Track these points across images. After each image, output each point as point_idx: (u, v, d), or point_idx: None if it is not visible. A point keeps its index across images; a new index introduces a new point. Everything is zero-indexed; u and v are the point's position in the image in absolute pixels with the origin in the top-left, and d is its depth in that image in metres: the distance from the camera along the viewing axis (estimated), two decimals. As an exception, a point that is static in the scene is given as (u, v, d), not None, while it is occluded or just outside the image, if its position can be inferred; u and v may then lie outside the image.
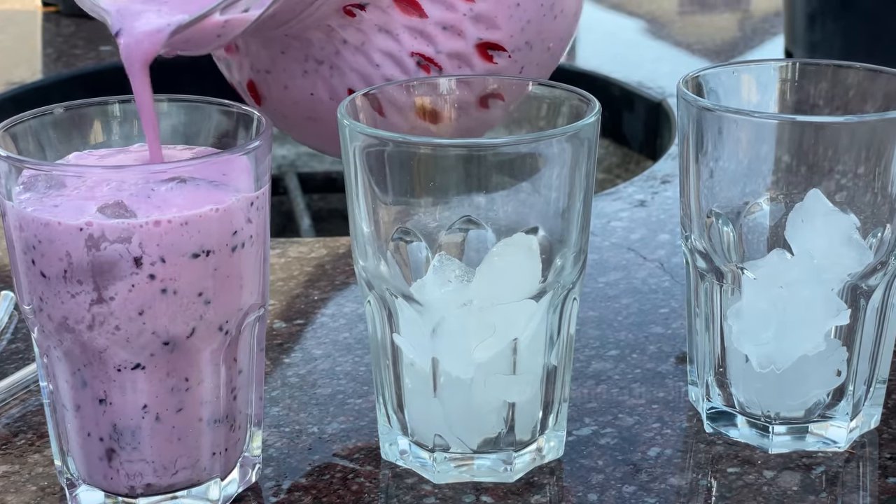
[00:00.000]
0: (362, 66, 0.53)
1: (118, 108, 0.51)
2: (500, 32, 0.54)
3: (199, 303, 0.46)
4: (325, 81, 0.53)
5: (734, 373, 0.53)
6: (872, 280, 0.51)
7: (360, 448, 0.54)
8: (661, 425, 0.55)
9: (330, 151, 0.59)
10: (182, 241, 0.45)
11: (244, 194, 0.46)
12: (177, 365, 0.47)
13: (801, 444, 0.53)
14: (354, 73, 0.53)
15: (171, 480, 0.48)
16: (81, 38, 1.28)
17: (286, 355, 0.62)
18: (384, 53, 0.53)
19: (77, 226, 0.44)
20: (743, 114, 0.50)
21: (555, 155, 0.48)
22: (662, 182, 0.83)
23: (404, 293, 0.49)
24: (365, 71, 0.53)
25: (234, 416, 0.49)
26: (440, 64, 0.53)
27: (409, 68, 0.53)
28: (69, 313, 0.45)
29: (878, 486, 0.51)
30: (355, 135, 0.48)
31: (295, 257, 0.73)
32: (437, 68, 0.53)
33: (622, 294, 0.67)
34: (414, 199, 0.49)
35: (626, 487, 0.50)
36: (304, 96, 0.56)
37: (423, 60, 0.52)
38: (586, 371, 0.59)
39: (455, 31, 0.53)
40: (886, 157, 0.49)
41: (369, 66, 0.53)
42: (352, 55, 0.53)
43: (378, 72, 0.53)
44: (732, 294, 0.52)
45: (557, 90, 0.53)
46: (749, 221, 0.51)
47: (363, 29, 0.53)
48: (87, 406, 0.47)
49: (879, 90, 0.53)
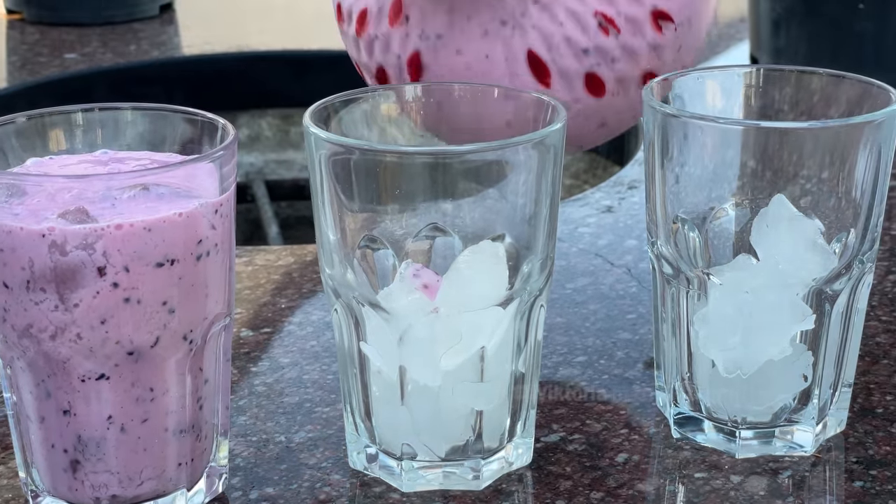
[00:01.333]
0: (546, 24, 0.55)
1: (81, 117, 0.51)
2: (673, 3, 0.56)
3: (163, 312, 0.46)
4: (504, 42, 0.55)
5: (701, 378, 0.53)
6: (837, 285, 0.51)
7: (328, 457, 0.53)
8: (628, 431, 0.55)
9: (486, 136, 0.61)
10: (146, 249, 0.44)
11: (208, 200, 0.46)
12: (141, 375, 0.46)
13: (768, 448, 0.53)
14: (536, 31, 0.55)
15: (137, 491, 0.48)
16: (46, 45, 1.27)
17: (253, 364, 0.61)
18: (569, 12, 0.55)
19: (39, 231, 0.44)
20: (708, 120, 0.50)
21: (521, 162, 0.48)
22: (629, 188, 0.84)
23: (371, 301, 0.49)
24: (547, 30, 0.55)
25: (200, 426, 0.49)
26: (619, 26, 0.55)
27: (590, 27, 0.55)
28: (33, 321, 0.45)
29: (844, 490, 0.51)
30: (321, 143, 0.48)
31: (262, 265, 0.73)
32: (616, 30, 0.55)
33: (589, 300, 0.67)
34: (380, 206, 0.49)
35: (594, 493, 0.50)
36: (478, 59, 0.57)
37: (603, 21, 0.54)
38: (554, 377, 0.59)
39: None
40: (850, 162, 0.50)
41: (552, 25, 0.55)
42: (538, 13, 0.55)
43: (560, 30, 0.55)
44: (699, 299, 0.52)
45: (524, 96, 0.53)
46: (715, 227, 0.51)
47: None
48: (52, 417, 0.47)
49: (843, 95, 0.54)
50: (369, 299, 0.49)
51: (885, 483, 0.51)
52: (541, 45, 0.55)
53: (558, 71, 0.55)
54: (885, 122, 0.50)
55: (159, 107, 0.51)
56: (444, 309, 0.48)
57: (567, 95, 0.56)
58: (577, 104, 0.56)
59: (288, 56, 1.26)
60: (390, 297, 0.49)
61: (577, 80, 0.56)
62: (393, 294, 0.49)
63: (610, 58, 0.56)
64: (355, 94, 0.53)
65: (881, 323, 0.64)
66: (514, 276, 0.49)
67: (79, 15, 1.34)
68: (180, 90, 1.23)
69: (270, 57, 1.26)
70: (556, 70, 0.55)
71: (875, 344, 0.62)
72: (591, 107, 0.56)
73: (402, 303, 0.48)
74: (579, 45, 0.55)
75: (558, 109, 0.50)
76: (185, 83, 1.23)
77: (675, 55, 0.58)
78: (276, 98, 1.26)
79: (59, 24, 1.34)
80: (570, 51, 0.55)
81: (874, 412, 0.56)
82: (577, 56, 0.55)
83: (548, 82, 0.55)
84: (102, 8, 1.35)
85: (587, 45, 0.55)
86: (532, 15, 0.55)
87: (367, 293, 0.49)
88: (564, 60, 0.55)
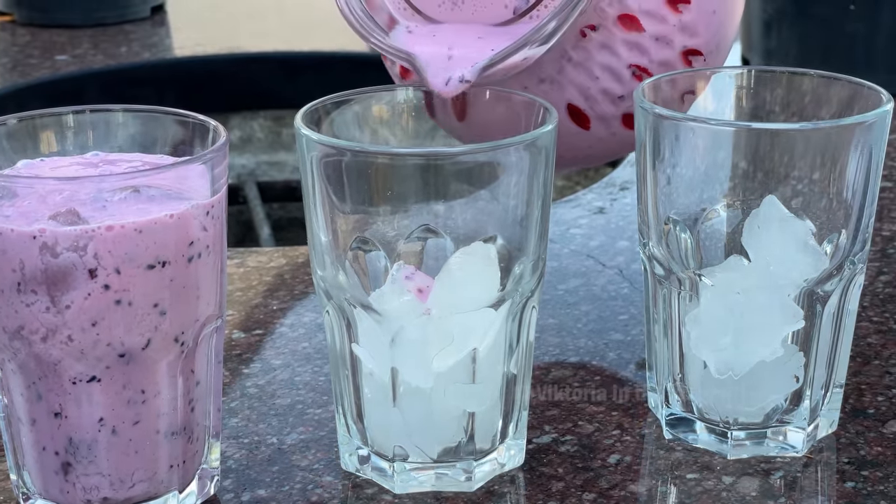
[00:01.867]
0: (582, 80, 0.57)
1: (72, 119, 0.51)
2: (700, 39, 0.58)
3: (154, 314, 0.45)
4: (544, 95, 0.57)
5: (693, 379, 0.53)
6: (828, 285, 0.51)
7: (320, 458, 0.53)
8: (620, 432, 0.55)
9: None
10: (137, 251, 0.44)
11: (199, 201, 0.46)
12: (133, 377, 0.46)
13: (760, 449, 0.53)
14: (573, 86, 0.57)
15: (129, 494, 0.48)
16: (37, 47, 1.27)
17: (245, 366, 0.61)
18: (603, 67, 0.57)
19: (30, 233, 0.44)
20: (699, 121, 0.51)
21: (512, 163, 0.48)
22: (621, 189, 0.84)
23: (363, 303, 0.49)
24: (584, 85, 0.57)
25: (191, 428, 0.49)
26: (651, 72, 0.57)
27: (625, 79, 0.57)
28: (24, 323, 0.45)
29: (836, 491, 0.51)
30: (312, 144, 0.48)
31: (254, 267, 0.73)
32: (649, 76, 0.57)
33: (581, 301, 0.67)
34: (372, 208, 0.49)
35: (586, 495, 0.50)
36: None
37: (637, 70, 0.56)
38: (546, 379, 0.59)
39: (665, 41, 0.57)
40: (841, 163, 0.50)
41: (589, 80, 0.57)
42: (573, 70, 0.57)
43: (597, 84, 0.57)
44: (690, 300, 0.52)
45: (515, 98, 0.53)
46: (706, 228, 0.51)
47: (587, 47, 0.57)
48: (43, 420, 0.47)
49: (834, 96, 0.54)
50: (361, 301, 0.49)
51: (877, 483, 0.51)
52: (578, 98, 0.57)
53: (597, 116, 0.58)
54: (876, 123, 0.50)
55: (150, 108, 0.51)
56: (436, 310, 0.48)
57: (605, 133, 0.59)
58: (614, 137, 0.59)
59: (280, 57, 1.26)
60: (382, 298, 0.49)
61: (615, 121, 0.58)
62: (385, 296, 0.49)
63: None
64: (347, 96, 0.53)
65: (872, 324, 0.64)
66: (505, 277, 0.49)
67: (70, 16, 1.34)
68: (172, 92, 1.22)
69: (262, 58, 1.26)
70: (594, 116, 0.58)
71: (866, 345, 0.62)
72: (628, 136, 0.58)
73: (393, 304, 0.48)
74: (615, 94, 0.57)
75: (549, 111, 0.50)
76: (176, 85, 1.23)
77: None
78: (268, 99, 1.26)
79: (50, 25, 1.34)
80: (607, 99, 0.57)
81: (866, 413, 0.56)
82: (613, 102, 0.58)
83: (587, 126, 0.58)
84: (93, 9, 1.34)
85: (623, 93, 0.57)
86: (568, 72, 0.57)
87: (358, 295, 0.49)
88: (602, 107, 0.58)
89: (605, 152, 0.61)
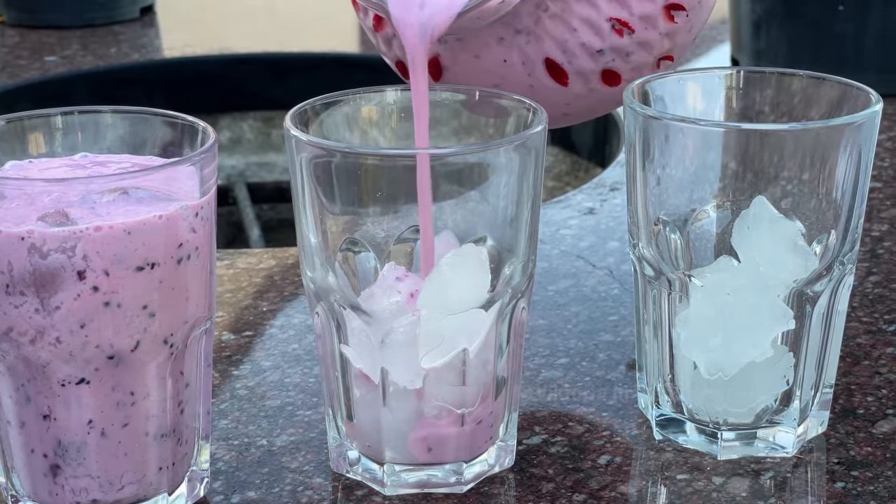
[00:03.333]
0: (560, 32, 0.55)
1: (61, 120, 0.51)
2: None
3: (143, 316, 0.45)
4: (520, 49, 0.56)
5: (683, 380, 0.53)
6: (818, 286, 0.51)
7: (310, 460, 0.53)
8: (610, 433, 0.55)
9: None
10: (126, 252, 0.44)
11: (188, 203, 0.46)
12: (122, 379, 0.46)
13: (750, 449, 0.53)
14: (551, 39, 0.56)
15: (118, 496, 0.48)
16: (26, 48, 1.27)
17: (235, 367, 0.61)
18: (582, 20, 0.55)
19: (19, 234, 0.44)
20: (689, 122, 0.51)
21: (502, 164, 0.48)
22: (611, 189, 0.84)
23: (352, 304, 0.49)
24: (562, 37, 0.56)
25: (181, 430, 0.49)
26: (632, 26, 0.56)
27: (604, 32, 0.56)
28: (13, 325, 0.45)
29: (826, 491, 0.51)
30: (302, 145, 0.48)
31: (243, 268, 0.73)
32: (630, 30, 0.56)
33: (572, 302, 0.67)
34: (362, 209, 0.49)
35: (576, 496, 0.50)
36: (496, 64, 0.58)
37: (617, 24, 0.55)
38: (536, 380, 0.59)
39: None
40: (831, 164, 0.50)
41: (567, 32, 0.55)
42: (551, 22, 0.55)
43: (575, 37, 0.56)
44: (680, 301, 0.52)
45: (504, 99, 0.53)
46: (696, 229, 0.51)
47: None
48: (32, 422, 0.47)
49: (823, 97, 0.54)
50: (351, 302, 0.49)
51: (867, 484, 0.51)
52: (556, 52, 0.56)
53: (575, 71, 0.56)
54: (866, 123, 0.50)
55: (139, 110, 0.51)
56: (426, 312, 0.48)
57: (583, 89, 0.57)
58: (592, 93, 0.57)
59: (269, 58, 1.25)
60: (372, 299, 0.49)
61: (594, 77, 0.57)
62: (374, 297, 0.49)
63: (625, 53, 0.57)
64: (336, 97, 0.53)
65: (862, 324, 0.64)
66: (495, 278, 0.49)
67: (59, 17, 1.34)
68: (161, 93, 1.22)
69: (251, 59, 1.26)
70: (573, 71, 0.56)
71: (856, 345, 0.62)
72: (606, 93, 0.57)
73: (383, 305, 0.48)
74: (594, 48, 0.56)
75: (539, 112, 0.50)
76: (165, 86, 1.23)
77: (686, 36, 0.59)
78: (258, 100, 1.26)
79: (39, 26, 1.33)
80: (586, 53, 0.56)
81: (855, 413, 0.56)
82: (592, 57, 0.56)
83: (565, 82, 0.56)
84: (83, 10, 1.34)
85: (602, 47, 0.56)
86: (545, 24, 0.56)
87: (348, 296, 0.49)
88: (580, 62, 0.56)
89: (583, 110, 0.60)
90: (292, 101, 0.53)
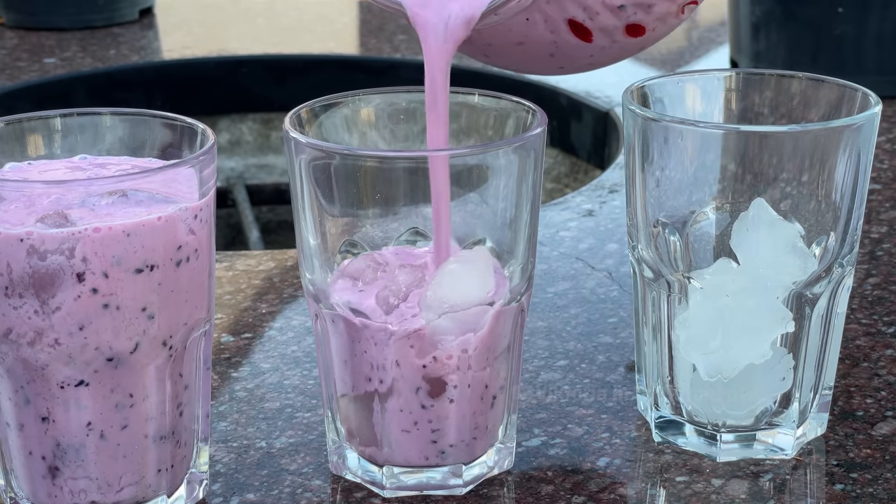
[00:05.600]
0: None
1: (60, 122, 0.51)
2: None
3: (142, 318, 0.45)
4: (541, 10, 0.55)
5: (682, 382, 0.53)
6: (817, 288, 0.51)
7: (309, 462, 0.53)
8: (609, 435, 0.55)
9: (531, 70, 0.62)
10: (125, 254, 0.44)
11: (187, 205, 0.46)
12: (121, 381, 0.46)
13: (749, 451, 0.53)
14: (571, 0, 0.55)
15: (116, 498, 0.48)
16: (25, 50, 1.27)
17: (234, 369, 0.61)
18: None
19: (17, 236, 0.44)
20: (688, 124, 0.51)
21: (501, 166, 0.48)
22: (610, 191, 0.84)
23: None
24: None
25: (180, 432, 0.49)
26: None
27: None
28: (12, 326, 0.45)
29: (825, 493, 0.51)
30: (301, 147, 0.48)
31: (243, 270, 0.73)
32: None
33: (571, 304, 0.67)
34: (361, 211, 0.49)
35: (575, 498, 0.50)
36: (518, 23, 0.57)
37: None
38: (535, 381, 0.59)
39: None
40: (830, 166, 0.50)
41: None
42: None
43: None
44: (679, 303, 0.52)
45: (504, 101, 0.53)
46: (695, 230, 0.51)
47: None
48: (30, 424, 0.47)
49: (823, 99, 0.54)
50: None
51: (866, 486, 0.51)
52: (577, 10, 0.56)
53: (598, 28, 0.56)
54: (865, 125, 0.50)
55: (139, 112, 0.51)
56: (427, 313, 0.48)
57: (608, 42, 0.57)
58: (616, 44, 0.57)
59: (268, 60, 1.25)
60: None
61: (618, 31, 0.56)
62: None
63: (647, 5, 0.56)
64: (335, 99, 0.53)
65: (861, 326, 0.64)
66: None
67: (58, 19, 1.34)
68: (160, 95, 1.22)
69: (251, 61, 1.26)
70: (596, 28, 0.56)
71: (855, 347, 0.62)
72: (631, 43, 0.57)
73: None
74: (615, 4, 0.56)
75: (538, 114, 0.50)
76: (164, 88, 1.23)
77: None
78: (257, 102, 1.26)
79: (39, 28, 1.33)
80: (607, 10, 0.56)
81: (854, 415, 0.56)
82: (614, 13, 0.56)
83: (589, 38, 0.56)
84: (82, 12, 1.34)
85: (623, 3, 0.56)
86: None
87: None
88: (602, 19, 0.56)
89: (607, 59, 0.59)
90: (291, 103, 0.53)
